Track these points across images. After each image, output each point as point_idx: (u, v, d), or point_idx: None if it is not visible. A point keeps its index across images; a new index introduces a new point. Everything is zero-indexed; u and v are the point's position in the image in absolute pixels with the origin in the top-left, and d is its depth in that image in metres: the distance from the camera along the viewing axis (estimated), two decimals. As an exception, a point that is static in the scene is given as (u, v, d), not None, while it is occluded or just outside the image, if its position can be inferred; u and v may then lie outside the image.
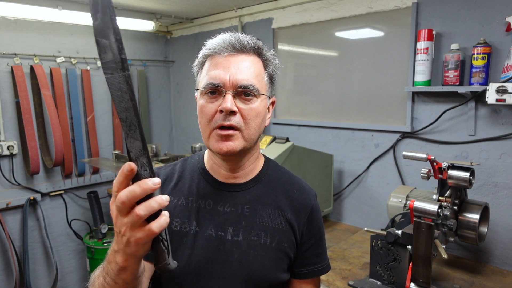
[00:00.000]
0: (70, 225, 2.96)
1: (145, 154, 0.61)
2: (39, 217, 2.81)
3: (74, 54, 2.88)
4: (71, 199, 3.01)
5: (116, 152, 2.92)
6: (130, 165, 0.58)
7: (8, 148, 2.59)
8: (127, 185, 0.60)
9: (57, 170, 2.89)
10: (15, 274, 2.61)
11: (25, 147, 2.63)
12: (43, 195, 2.82)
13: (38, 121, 2.71)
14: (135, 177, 0.60)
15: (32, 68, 2.62)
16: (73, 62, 2.87)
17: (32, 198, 2.73)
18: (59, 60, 2.78)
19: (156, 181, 0.59)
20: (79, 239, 3.01)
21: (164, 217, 0.61)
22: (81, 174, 3.02)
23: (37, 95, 2.68)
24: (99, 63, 3.02)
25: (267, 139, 2.11)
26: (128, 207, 0.59)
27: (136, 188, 0.58)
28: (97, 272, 0.78)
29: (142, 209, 0.58)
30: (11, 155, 2.64)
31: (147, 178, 0.60)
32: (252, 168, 0.98)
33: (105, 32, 0.57)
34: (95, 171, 3.11)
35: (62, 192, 2.93)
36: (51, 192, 2.86)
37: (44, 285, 2.88)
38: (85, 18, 2.69)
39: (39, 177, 2.80)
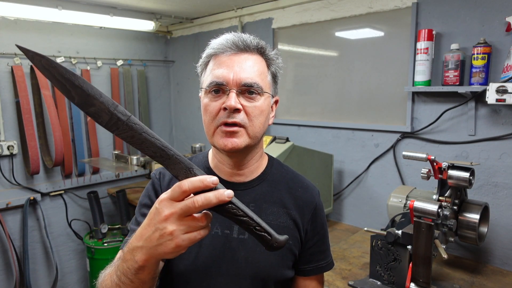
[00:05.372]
0: (70, 225, 2.96)
1: (192, 170, 0.63)
2: (39, 217, 2.81)
3: (74, 54, 2.88)
4: (71, 199, 3.01)
5: (116, 152, 2.92)
6: (216, 180, 0.62)
7: (8, 148, 2.59)
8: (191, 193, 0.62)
9: (57, 170, 2.89)
10: (15, 274, 2.61)
11: (25, 147, 2.63)
12: (43, 195, 2.82)
13: (38, 121, 2.71)
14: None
15: (32, 68, 2.62)
16: (73, 62, 2.87)
17: (32, 198, 2.73)
18: (59, 60, 2.78)
19: (231, 194, 0.63)
20: (79, 239, 3.01)
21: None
22: (81, 174, 3.02)
23: (37, 95, 2.68)
24: (99, 63, 3.02)
25: (267, 139, 2.10)
26: (196, 211, 0.62)
27: (212, 198, 0.61)
28: (108, 271, 0.78)
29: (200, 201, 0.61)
30: (11, 155, 2.64)
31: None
32: (257, 166, 0.99)
33: (88, 101, 0.57)
34: (95, 171, 3.11)
35: (62, 192, 2.93)
36: (51, 192, 2.87)
37: (44, 285, 2.88)
38: (85, 18, 2.69)
39: (39, 177, 2.80)
